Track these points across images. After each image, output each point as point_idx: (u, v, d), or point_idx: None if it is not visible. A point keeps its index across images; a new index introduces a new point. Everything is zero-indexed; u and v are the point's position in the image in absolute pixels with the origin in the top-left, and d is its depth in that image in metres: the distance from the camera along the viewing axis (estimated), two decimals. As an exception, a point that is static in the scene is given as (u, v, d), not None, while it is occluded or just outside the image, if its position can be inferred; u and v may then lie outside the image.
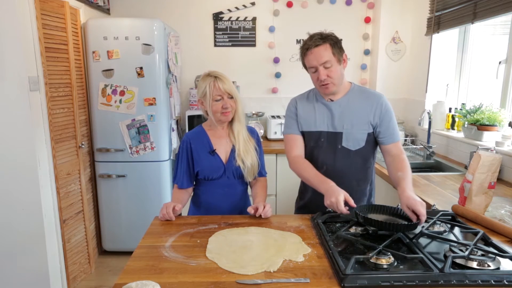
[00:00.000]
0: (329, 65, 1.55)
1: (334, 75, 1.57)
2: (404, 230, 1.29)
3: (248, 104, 3.66)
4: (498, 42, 2.60)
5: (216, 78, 1.59)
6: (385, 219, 1.38)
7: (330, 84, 1.58)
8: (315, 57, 1.55)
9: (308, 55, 1.57)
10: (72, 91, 2.64)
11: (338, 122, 1.64)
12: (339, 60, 1.58)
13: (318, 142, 1.68)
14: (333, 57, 1.55)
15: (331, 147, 1.66)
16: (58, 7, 2.46)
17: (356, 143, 1.64)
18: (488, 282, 1.01)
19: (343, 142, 1.64)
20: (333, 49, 1.55)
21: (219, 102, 1.60)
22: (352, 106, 1.64)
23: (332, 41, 1.56)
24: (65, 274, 2.53)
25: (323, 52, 1.54)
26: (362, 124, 1.63)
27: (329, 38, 1.56)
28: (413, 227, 1.29)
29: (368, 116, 1.63)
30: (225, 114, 1.62)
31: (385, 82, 3.53)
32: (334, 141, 1.65)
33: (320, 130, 1.67)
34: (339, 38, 1.61)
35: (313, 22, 3.59)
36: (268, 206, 1.53)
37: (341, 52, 1.59)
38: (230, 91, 1.61)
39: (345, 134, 1.63)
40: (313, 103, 1.70)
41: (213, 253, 1.22)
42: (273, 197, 3.22)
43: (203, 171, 1.67)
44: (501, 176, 2.12)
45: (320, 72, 1.55)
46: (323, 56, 1.54)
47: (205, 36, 3.61)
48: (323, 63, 1.54)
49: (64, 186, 2.55)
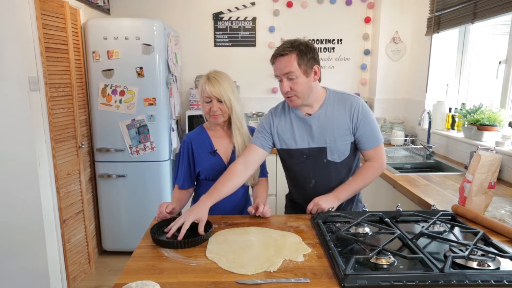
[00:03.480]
0: (293, 77, 1.45)
1: (298, 88, 1.47)
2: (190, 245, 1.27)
3: (248, 104, 3.66)
4: (498, 42, 2.60)
5: (208, 80, 1.57)
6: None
7: (293, 97, 1.49)
8: (279, 67, 1.47)
9: (275, 63, 1.49)
10: (72, 91, 2.64)
11: (320, 137, 1.56)
12: (306, 72, 1.46)
13: (301, 158, 1.60)
14: (298, 69, 1.44)
15: (316, 162, 1.59)
16: (58, 7, 2.46)
17: (342, 155, 1.58)
18: (488, 282, 1.01)
19: (328, 156, 1.57)
20: (299, 60, 1.44)
21: (208, 104, 1.60)
22: (330, 118, 1.55)
23: (300, 51, 1.44)
24: (65, 274, 2.53)
25: (286, 62, 1.44)
26: (344, 135, 1.56)
27: (299, 47, 1.44)
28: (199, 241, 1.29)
29: (348, 125, 1.55)
30: (213, 116, 1.60)
31: (385, 82, 3.53)
32: (319, 155, 1.58)
33: (301, 148, 1.59)
34: (313, 47, 1.49)
35: (313, 22, 3.59)
36: (267, 206, 1.53)
37: (311, 63, 1.47)
38: (218, 95, 1.56)
39: (329, 148, 1.56)
40: (290, 117, 1.60)
41: (213, 253, 1.22)
42: (273, 197, 3.22)
43: (204, 171, 1.67)
44: (501, 176, 2.12)
45: (283, 83, 1.47)
46: (286, 67, 1.44)
47: (205, 36, 3.61)
48: (286, 73, 1.45)
49: (64, 186, 2.55)
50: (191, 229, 1.44)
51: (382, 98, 3.55)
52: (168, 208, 1.50)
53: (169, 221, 1.45)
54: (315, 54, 1.49)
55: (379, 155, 1.59)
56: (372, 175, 1.58)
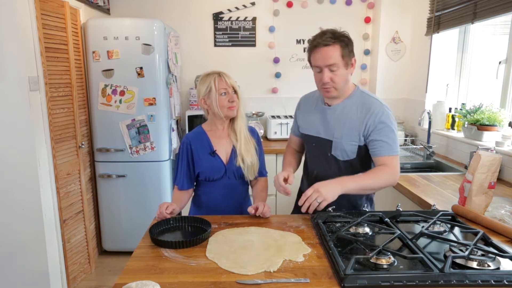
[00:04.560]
0: (335, 69, 1.45)
1: (338, 79, 1.47)
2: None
3: (248, 104, 3.66)
4: (498, 42, 2.60)
5: (221, 73, 1.62)
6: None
7: (331, 88, 1.50)
8: (321, 57, 1.45)
9: (315, 53, 1.47)
10: (72, 91, 2.64)
11: (329, 130, 1.57)
12: (347, 64, 1.48)
13: (310, 145, 1.66)
14: (341, 60, 1.45)
15: (321, 153, 1.62)
16: (58, 7, 2.46)
17: (345, 154, 1.57)
18: (488, 282, 1.01)
19: (332, 150, 1.58)
20: (342, 51, 1.44)
21: (225, 97, 1.61)
22: (345, 114, 1.55)
23: (343, 42, 1.45)
24: (65, 274, 2.53)
25: (331, 53, 1.43)
26: (352, 136, 1.53)
27: (341, 38, 1.46)
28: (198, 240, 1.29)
29: (359, 128, 1.52)
30: (231, 108, 1.63)
31: (385, 82, 3.53)
32: (324, 148, 1.60)
33: (312, 135, 1.64)
34: (351, 39, 1.50)
35: (313, 22, 3.59)
36: (267, 206, 1.53)
37: (351, 55, 1.49)
38: (234, 85, 1.64)
39: (335, 143, 1.57)
40: (314, 104, 1.66)
41: (213, 253, 1.22)
42: (273, 197, 3.22)
43: (204, 172, 1.67)
44: (501, 176, 2.12)
45: (324, 74, 1.46)
46: (330, 58, 1.44)
47: (205, 36, 3.61)
48: (329, 65, 1.45)
49: (64, 186, 2.55)
50: (191, 229, 1.44)
51: (382, 98, 3.44)
52: (168, 209, 1.50)
53: (168, 221, 1.45)
54: (353, 46, 1.51)
55: (392, 164, 1.48)
56: (384, 177, 1.46)
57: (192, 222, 1.46)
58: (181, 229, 1.45)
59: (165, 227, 1.43)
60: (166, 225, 1.44)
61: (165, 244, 1.27)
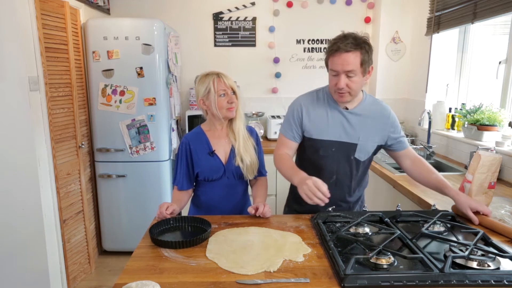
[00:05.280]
0: (353, 75, 1.45)
1: (354, 86, 1.47)
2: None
3: (248, 104, 3.66)
4: (498, 42, 2.60)
5: (219, 74, 1.62)
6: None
7: (346, 93, 1.49)
8: (341, 63, 1.43)
9: (334, 57, 1.45)
10: (72, 91, 2.64)
11: (354, 133, 1.57)
12: (365, 71, 1.47)
13: (328, 151, 1.59)
14: (360, 68, 1.44)
15: (342, 157, 1.60)
16: (58, 7, 2.46)
17: (366, 154, 1.62)
18: (488, 282, 1.01)
19: (356, 153, 1.59)
20: (362, 59, 1.43)
21: (224, 98, 1.61)
22: (368, 117, 1.59)
23: (364, 50, 1.44)
24: (65, 274, 2.53)
25: (351, 60, 1.42)
26: (375, 137, 1.60)
27: (363, 45, 1.44)
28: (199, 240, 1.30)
29: (382, 130, 1.60)
30: (230, 109, 1.62)
31: (385, 82, 3.53)
32: (346, 151, 1.59)
33: (333, 140, 1.58)
34: (372, 46, 1.49)
35: (313, 22, 3.59)
36: (267, 206, 1.53)
37: (370, 62, 1.48)
38: (233, 86, 1.63)
39: (360, 145, 1.58)
40: (326, 108, 1.60)
41: (213, 253, 1.22)
42: (273, 197, 3.22)
43: (203, 172, 1.67)
44: (501, 176, 2.12)
45: (341, 79, 1.45)
46: (349, 64, 1.42)
47: (205, 36, 3.61)
48: (347, 71, 1.44)
49: (64, 186, 2.55)
50: (191, 229, 1.44)
51: (382, 98, 3.52)
52: (168, 210, 1.50)
53: (168, 221, 1.45)
54: (372, 53, 1.49)
55: (414, 153, 1.66)
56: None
57: (192, 222, 1.46)
58: (181, 229, 1.45)
59: (165, 227, 1.43)
60: (166, 225, 1.44)
61: (165, 244, 1.27)
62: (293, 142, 1.65)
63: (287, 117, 1.67)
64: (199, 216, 1.50)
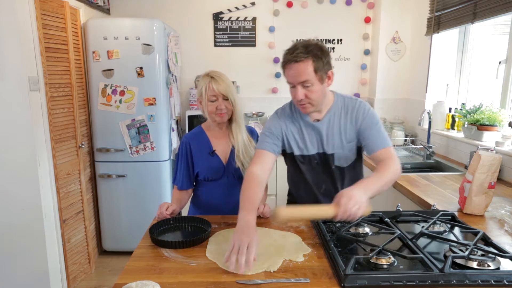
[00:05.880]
0: (309, 85, 1.36)
1: (313, 95, 1.38)
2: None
3: (248, 104, 3.66)
4: (498, 42, 2.60)
5: (212, 79, 1.57)
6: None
7: (307, 104, 1.41)
8: (293, 74, 1.36)
9: (287, 69, 1.39)
10: (72, 91, 2.64)
11: (327, 144, 1.52)
12: (322, 78, 1.37)
13: (312, 164, 1.57)
14: (315, 76, 1.35)
15: (325, 167, 1.57)
16: (58, 7, 2.46)
17: (348, 160, 1.55)
18: (488, 282, 1.01)
19: (335, 162, 1.54)
20: (315, 65, 1.34)
21: (213, 103, 1.58)
22: (337, 124, 1.50)
23: (316, 56, 1.34)
24: (65, 274, 2.53)
25: (303, 69, 1.34)
26: (350, 141, 1.51)
27: (314, 52, 1.34)
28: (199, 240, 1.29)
29: (352, 131, 1.50)
30: (219, 115, 1.60)
31: (385, 82, 3.53)
32: (327, 162, 1.55)
33: (313, 154, 1.54)
34: (327, 50, 1.39)
35: (313, 22, 3.59)
36: (268, 206, 1.53)
37: (326, 68, 1.38)
38: (225, 92, 1.57)
39: (336, 154, 1.52)
40: (299, 123, 1.54)
41: (213, 253, 1.22)
42: (273, 197, 3.22)
43: (203, 172, 1.67)
44: (501, 176, 2.12)
45: (298, 91, 1.37)
46: (302, 75, 1.34)
47: (205, 36, 3.61)
48: (302, 82, 1.36)
49: (64, 186, 2.55)
50: (191, 229, 1.44)
51: (382, 98, 3.55)
52: (168, 210, 1.50)
53: (168, 221, 1.45)
54: (329, 57, 1.39)
55: (391, 155, 1.40)
56: (394, 170, 1.36)
57: (192, 222, 1.46)
58: (181, 229, 1.45)
59: (165, 227, 1.44)
60: (166, 225, 1.44)
61: (165, 244, 1.27)
62: (268, 153, 1.50)
63: (264, 132, 1.55)
64: (199, 216, 1.50)
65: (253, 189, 1.36)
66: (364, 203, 1.17)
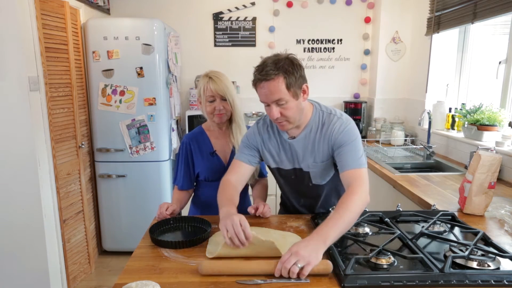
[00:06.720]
0: (283, 103, 1.28)
1: (289, 113, 1.30)
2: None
3: (248, 104, 3.66)
4: (498, 42, 2.60)
5: (210, 79, 1.57)
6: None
7: (284, 122, 1.34)
8: (265, 93, 1.29)
9: (258, 89, 1.32)
10: (72, 91, 2.64)
11: (303, 161, 1.45)
12: (296, 94, 1.29)
13: (289, 179, 1.53)
14: (287, 93, 1.27)
15: (302, 183, 1.51)
16: (58, 7, 2.46)
17: (325, 177, 1.48)
18: (488, 282, 1.01)
19: (313, 180, 1.48)
20: (287, 82, 1.26)
21: (212, 104, 1.58)
22: (312, 141, 1.42)
23: (287, 72, 1.25)
24: (65, 274, 2.53)
25: (274, 87, 1.26)
26: (323, 160, 1.43)
27: (284, 67, 1.26)
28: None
29: (326, 149, 1.40)
30: (218, 115, 1.60)
31: (385, 82, 3.53)
32: (303, 179, 1.49)
33: (289, 168, 1.49)
34: (299, 63, 1.31)
35: (313, 22, 3.59)
36: (267, 206, 1.53)
37: (299, 82, 1.29)
38: (222, 93, 1.56)
39: (312, 173, 1.46)
40: (276, 138, 1.48)
41: (213, 253, 1.21)
42: (273, 197, 3.22)
43: (204, 172, 1.67)
44: (501, 176, 2.12)
45: (273, 110, 1.30)
46: (274, 93, 1.26)
47: (205, 36, 3.61)
48: (275, 101, 1.28)
49: (64, 186, 2.55)
50: (191, 229, 1.44)
51: (382, 98, 3.55)
52: (168, 210, 1.50)
53: (168, 221, 1.45)
54: (302, 70, 1.31)
55: (359, 178, 1.29)
56: (357, 203, 1.23)
57: (192, 222, 1.46)
58: (181, 229, 1.45)
59: (165, 227, 1.44)
60: (166, 225, 1.44)
61: (165, 244, 1.27)
62: (245, 165, 1.47)
63: (244, 142, 1.53)
64: (199, 216, 1.50)
65: (230, 192, 1.39)
66: (313, 260, 1.05)
